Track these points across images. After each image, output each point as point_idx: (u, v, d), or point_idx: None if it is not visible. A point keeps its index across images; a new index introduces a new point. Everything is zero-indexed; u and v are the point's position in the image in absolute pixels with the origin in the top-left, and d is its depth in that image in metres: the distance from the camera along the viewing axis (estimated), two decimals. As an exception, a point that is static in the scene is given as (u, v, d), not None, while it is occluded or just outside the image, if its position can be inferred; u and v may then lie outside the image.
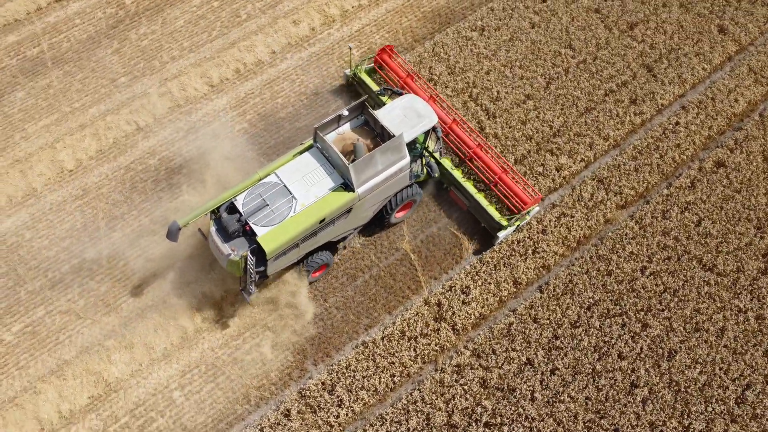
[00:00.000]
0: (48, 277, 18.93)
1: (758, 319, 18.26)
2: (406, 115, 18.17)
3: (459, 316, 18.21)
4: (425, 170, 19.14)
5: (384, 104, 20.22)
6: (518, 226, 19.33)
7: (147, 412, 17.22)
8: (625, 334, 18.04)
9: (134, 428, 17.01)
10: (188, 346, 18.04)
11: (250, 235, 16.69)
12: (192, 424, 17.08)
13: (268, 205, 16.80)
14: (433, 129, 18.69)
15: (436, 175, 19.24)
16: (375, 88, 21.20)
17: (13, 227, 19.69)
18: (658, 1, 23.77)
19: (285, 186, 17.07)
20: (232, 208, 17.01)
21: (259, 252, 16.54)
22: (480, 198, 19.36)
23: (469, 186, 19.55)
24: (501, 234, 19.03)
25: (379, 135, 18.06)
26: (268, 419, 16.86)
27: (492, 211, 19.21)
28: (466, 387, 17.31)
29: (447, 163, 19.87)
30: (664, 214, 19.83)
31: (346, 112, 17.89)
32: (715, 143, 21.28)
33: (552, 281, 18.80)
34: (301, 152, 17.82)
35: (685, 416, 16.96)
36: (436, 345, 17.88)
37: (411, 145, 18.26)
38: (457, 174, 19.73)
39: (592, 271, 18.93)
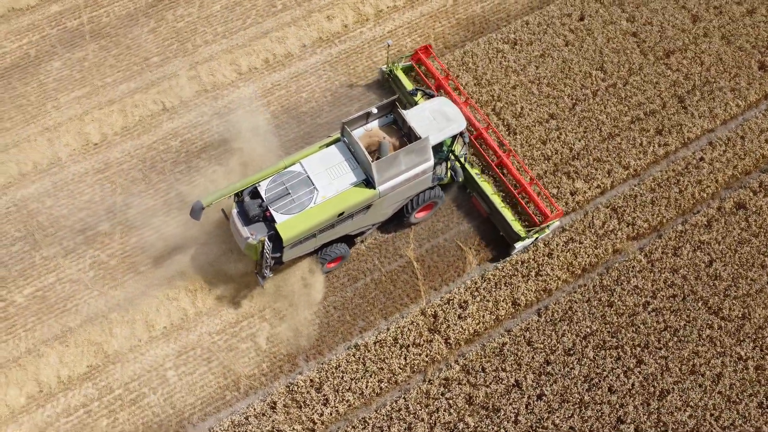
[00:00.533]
0: (63, 245, 19.64)
1: (758, 369, 17.88)
2: (435, 118, 18.20)
3: (453, 329, 18.29)
4: (449, 174, 19.20)
5: (416, 104, 20.33)
6: (537, 238, 19.27)
7: (140, 387, 17.82)
8: (618, 368, 17.88)
9: (127, 401, 17.63)
10: (187, 328, 18.55)
11: (269, 221, 17.10)
12: (181, 404, 17.62)
13: (290, 193, 17.16)
14: (461, 134, 18.67)
15: (460, 179, 19.28)
16: (409, 86, 21.26)
17: (35, 193, 20.43)
18: (699, 31, 23.13)
19: (308, 176, 17.39)
20: (255, 193, 17.42)
21: (276, 238, 16.94)
22: (501, 207, 19.35)
23: (491, 194, 19.54)
24: (518, 245, 19.01)
25: (406, 135, 18.19)
26: (254, 409, 17.28)
27: (512, 220, 19.19)
28: (451, 401, 17.42)
29: (472, 169, 19.90)
30: (676, 250, 19.47)
31: (375, 110, 18.02)
32: (738, 183, 20.75)
33: (551, 306, 18.70)
34: (327, 145, 18.05)
35: (669, 458, 16.82)
36: (427, 356, 18.02)
37: (437, 148, 18.30)
38: (481, 181, 19.74)
39: (593, 301, 18.77)
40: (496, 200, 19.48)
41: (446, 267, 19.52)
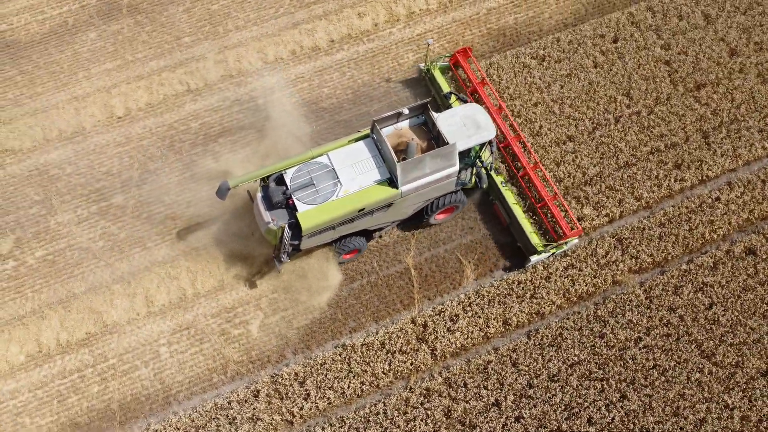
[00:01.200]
0: (77, 213, 20.37)
1: (743, 420, 17.64)
2: (465, 124, 18.28)
3: (441, 341, 18.47)
4: (474, 179, 19.28)
5: (449, 106, 20.36)
6: (553, 254, 19.27)
7: (133, 359, 18.51)
8: (600, 400, 17.85)
9: (119, 371, 18.35)
10: (184, 308, 19.14)
11: (291, 209, 17.51)
12: (170, 381, 18.26)
13: (314, 184, 17.55)
14: (489, 142, 18.68)
15: (485, 186, 19.39)
16: (445, 88, 21.30)
17: (57, 159, 21.18)
18: (735, 65, 22.48)
19: (334, 169, 17.73)
20: (280, 180, 17.85)
21: (296, 227, 17.37)
22: (522, 218, 19.38)
23: (513, 204, 19.58)
24: (534, 258, 19.06)
25: (434, 138, 18.34)
26: (238, 395, 17.81)
27: (531, 233, 19.22)
28: (429, 412, 17.66)
29: (497, 177, 19.96)
30: (677, 289, 19.21)
31: (406, 110, 18.17)
32: (752, 228, 20.26)
33: (542, 330, 18.70)
34: (356, 140, 18.29)
35: (638, 497, 16.80)
36: (411, 364, 18.26)
37: (464, 154, 18.40)
38: (505, 190, 19.79)
39: (584, 330, 18.70)
40: (518, 211, 19.50)
41: (443, 278, 19.65)
